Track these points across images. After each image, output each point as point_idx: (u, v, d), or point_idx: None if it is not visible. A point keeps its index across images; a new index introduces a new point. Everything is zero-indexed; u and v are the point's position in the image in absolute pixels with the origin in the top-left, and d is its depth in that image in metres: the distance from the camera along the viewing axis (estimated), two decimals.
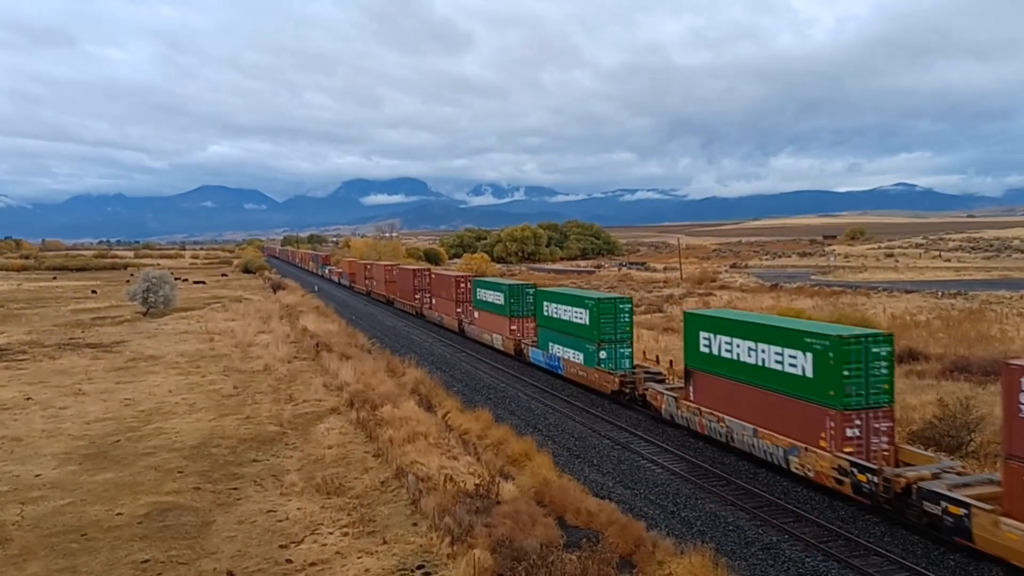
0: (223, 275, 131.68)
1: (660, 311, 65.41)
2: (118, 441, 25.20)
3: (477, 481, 19.40)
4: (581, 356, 33.40)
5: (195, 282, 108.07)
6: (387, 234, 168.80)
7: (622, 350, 32.26)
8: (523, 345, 41.39)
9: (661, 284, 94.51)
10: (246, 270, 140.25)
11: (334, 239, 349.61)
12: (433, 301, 61.77)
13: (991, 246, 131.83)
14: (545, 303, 37.98)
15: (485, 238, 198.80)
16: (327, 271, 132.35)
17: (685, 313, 27.36)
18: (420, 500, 18.64)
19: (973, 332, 46.81)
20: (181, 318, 61.06)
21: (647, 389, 28.95)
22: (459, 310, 53.19)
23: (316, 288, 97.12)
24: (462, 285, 53.44)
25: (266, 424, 27.30)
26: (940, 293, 67.37)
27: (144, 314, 63.35)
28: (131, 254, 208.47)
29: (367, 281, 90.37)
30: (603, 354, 32.01)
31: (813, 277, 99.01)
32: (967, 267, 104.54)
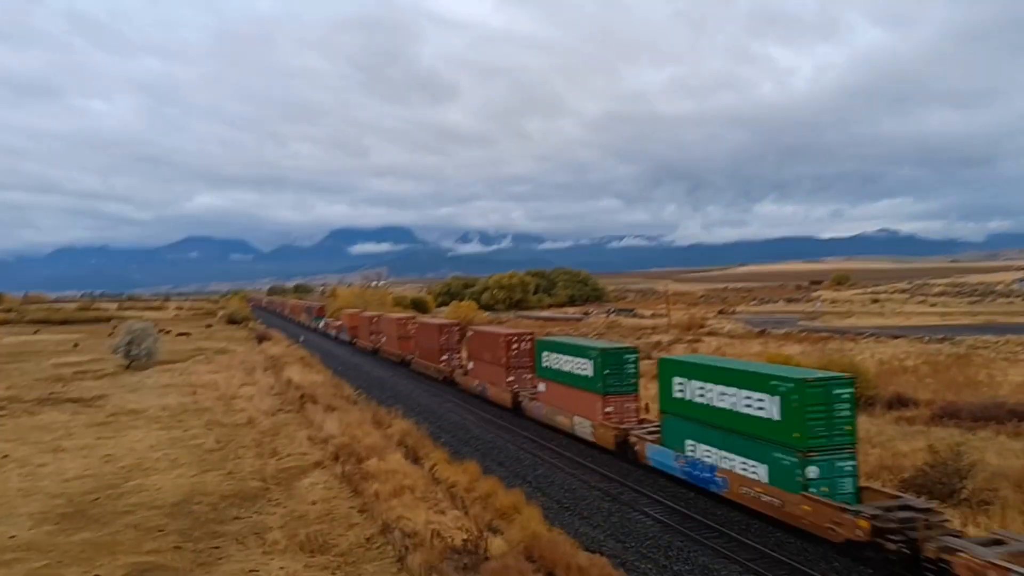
0: (207, 326, 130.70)
1: (649, 358, 65.23)
2: (97, 499, 24.56)
3: (465, 536, 18.95)
4: (763, 470, 21.41)
5: (179, 334, 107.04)
6: (373, 282, 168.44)
7: (843, 463, 19.93)
8: (632, 437, 28.70)
9: (649, 331, 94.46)
10: (231, 321, 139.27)
11: (321, 288, 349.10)
12: (471, 365, 49.63)
13: (975, 291, 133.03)
14: (677, 380, 25.58)
15: (473, 286, 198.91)
16: (323, 324, 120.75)
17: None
18: (406, 557, 18.15)
19: (961, 377, 46.90)
20: (164, 371, 60.28)
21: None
22: (511, 378, 41.32)
23: (302, 338, 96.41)
24: (517, 346, 41.94)
25: (249, 479, 26.71)
26: (927, 338, 67.66)
27: (126, 367, 62.52)
28: (115, 306, 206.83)
29: (373, 337, 79.39)
30: (812, 471, 19.67)
31: (800, 323, 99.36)
32: (952, 312, 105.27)
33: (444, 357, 54.20)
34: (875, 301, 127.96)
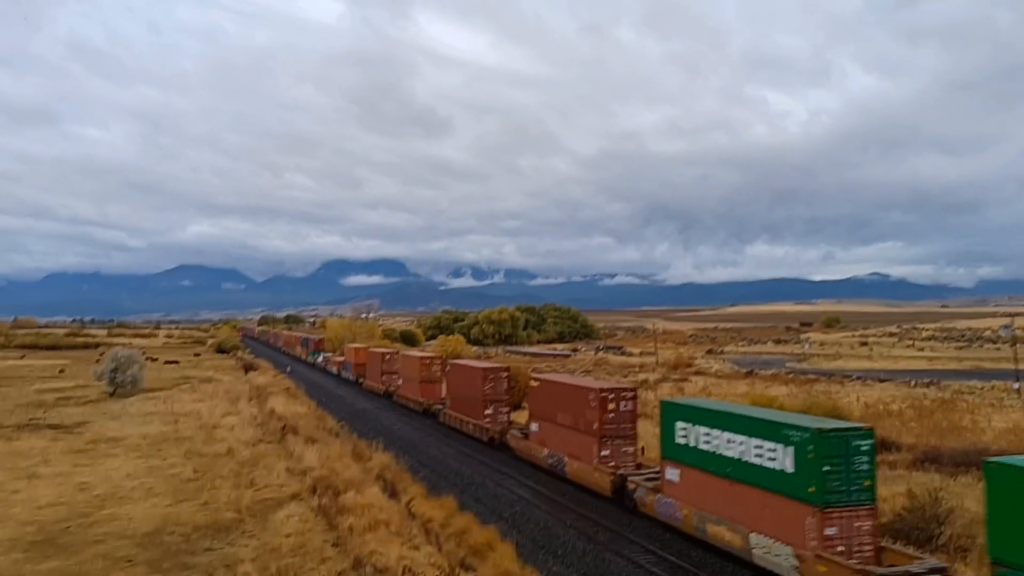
0: (196, 355, 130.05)
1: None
2: (68, 527, 24.26)
3: (437, 572, 18.78)
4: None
5: (167, 362, 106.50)
6: (364, 315, 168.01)
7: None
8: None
9: (637, 369, 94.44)
10: (220, 350, 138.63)
11: (311, 319, 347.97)
12: (534, 427, 35.62)
13: (963, 336, 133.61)
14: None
15: (462, 320, 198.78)
16: (321, 359, 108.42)
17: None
18: None
19: (945, 422, 46.94)
20: (148, 399, 59.87)
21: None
22: (606, 452, 29.44)
23: (289, 369, 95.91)
24: (615, 406, 29.52)
25: (223, 510, 26.44)
26: (913, 382, 67.78)
27: (111, 394, 62.09)
28: (104, 333, 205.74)
29: (386, 378, 66.86)
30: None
31: (788, 364, 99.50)
32: (940, 357, 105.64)
33: (489, 411, 42.12)
34: (864, 344, 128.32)
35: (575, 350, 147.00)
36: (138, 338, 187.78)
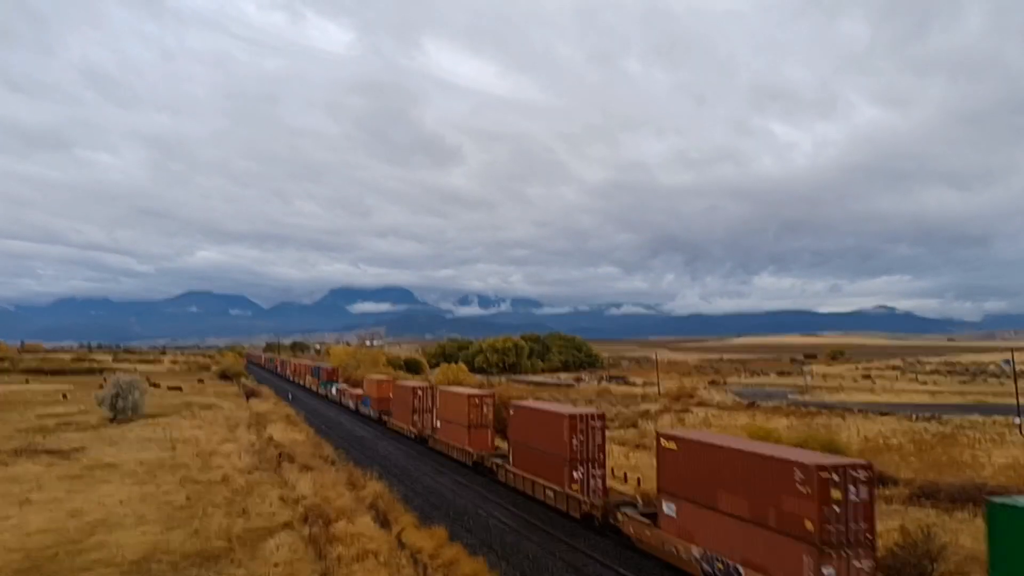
0: (199, 381, 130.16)
1: (634, 426, 64.93)
2: (56, 555, 24.28)
3: None
4: None
5: (170, 387, 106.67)
6: (368, 342, 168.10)
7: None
8: None
9: (639, 399, 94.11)
10: (223, 376, 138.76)
11: (317, 346, 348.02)
12: (667, 509, 24.59)
13: (967, 370, 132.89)
14: None
15: (467, 348, 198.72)
16: (334, 390, 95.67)
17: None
18: None
19: (945, 457, 46.64)
20: (147, 425, 59.95)
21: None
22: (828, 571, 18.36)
23: (291, 396, 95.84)
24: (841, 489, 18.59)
25: (214, 539, 26.43)
26: (914, 416, 67.36)
27: (111, 420, 62.23)
28: (110, 358, 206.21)
29: (418, 418, 55.84)
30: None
31: (790, 396, 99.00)
32: (943, 391, 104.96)
33: (578, 473, 30.73)
34: (867, 377, 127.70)
35: (579, 379, 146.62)
36: (143, 364, 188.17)
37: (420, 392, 56.91)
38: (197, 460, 42.71)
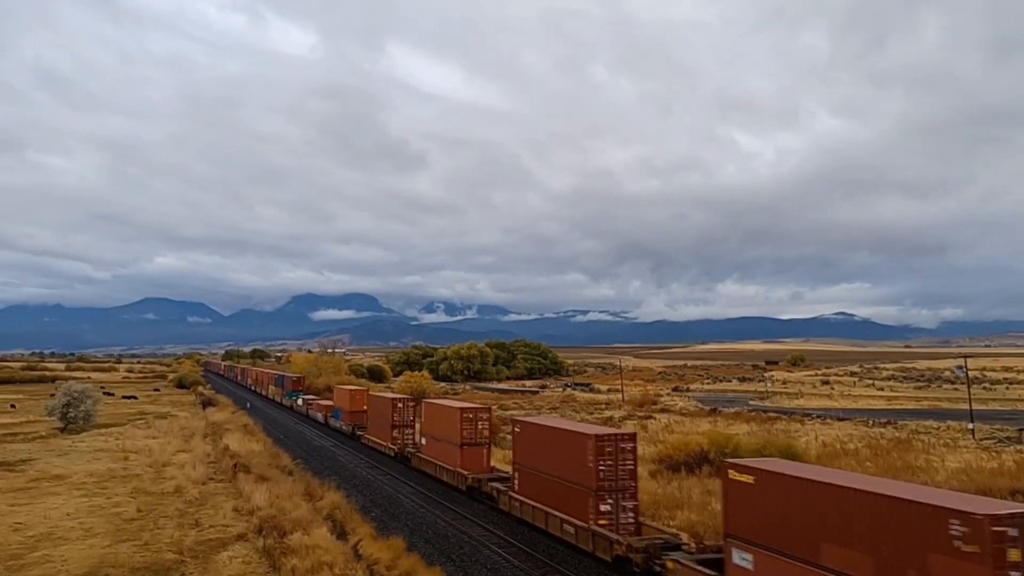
0: (155, 390, 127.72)
1: None
2: None
3: None
4: None
5: (124, 397, 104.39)
6: (330, 349, 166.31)
7: None
8: None
9: (603, 406, 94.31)
10: (180, 385, 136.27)
11: (279, 354, 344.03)
12: (741, 561, 18.68)
13: (923, 376, 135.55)
14: None
15: (432, 355, 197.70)
16: (300, 402, 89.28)
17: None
18: None
19: (900, 462, 47.29)
20: (99, 435, 58.49)
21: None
22: None
23: (248, 405, 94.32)
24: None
25: (164, 552, 25.72)
26: (871, 421, 68.41)
27: (61, 430, 60.60)
28: (62, 367, 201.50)
29: (399, 433, 51.03)
30: None
31: (751, 402, 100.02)
32: (899, 396, 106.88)
33: (607, 506, 25.44)
34: (825, 383, 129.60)
35: (544, 387, 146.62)
36: (97, 372, 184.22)
37: (400, 404, 51.84)
38: (150, 471, 41.70)
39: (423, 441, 44.83)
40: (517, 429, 32.70)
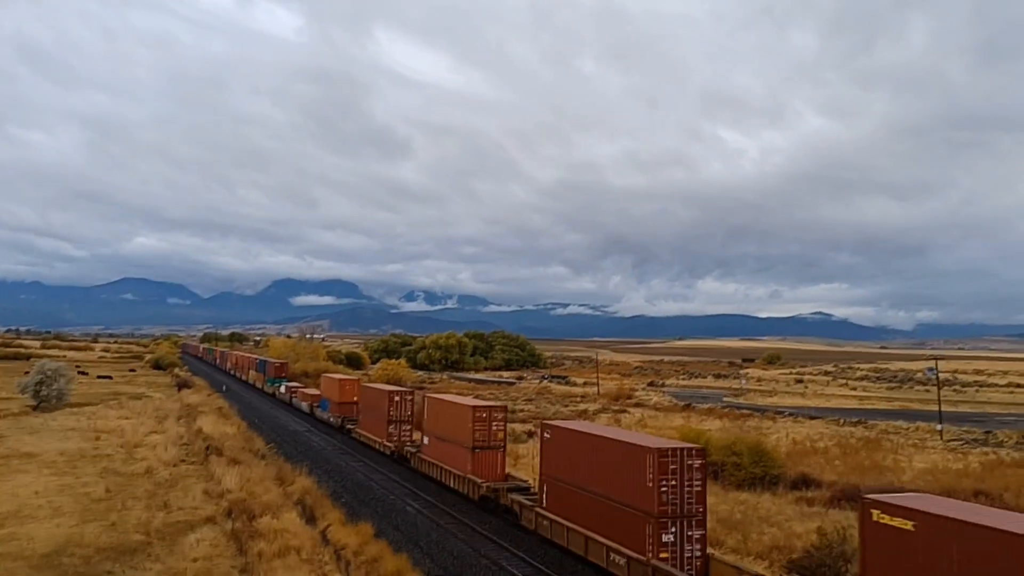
0: (131, 370, 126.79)
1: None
2: None
3: None
4: None
5: (100, 376, 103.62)
6: (309, 335, 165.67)
7: None
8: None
9: (579, 399, 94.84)
10: (157, 366, 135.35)
11: (257, 338, 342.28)
12: None
13: (895, 377, 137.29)
14: None
15: (410, 344, 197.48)
16: (284, 390, 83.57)
17: None
18: None
19: (868, 461, 48.02)
20: (72, 414, 58.12)
21: None
22: None
23: (224, 388, 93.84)
24: None
25: (132, 532, 25.75)
26: (842, 420, 69.30)
27: (34, 408, 60.16)
28: (38, 344, 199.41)
29: (395, 429, 46.48)
30: None
31: (725, 399, 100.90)
32: (871, 396, 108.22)
33: (667, 534, 21.44)
34: (799, 381, 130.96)
35: (520, 378, 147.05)
36: (73, 351, 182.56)
37: (398, 398, 47.36)
38: (121, 451, 41.59)
39: (425, 440, 40.13)
40: (547, 435, 27.57)
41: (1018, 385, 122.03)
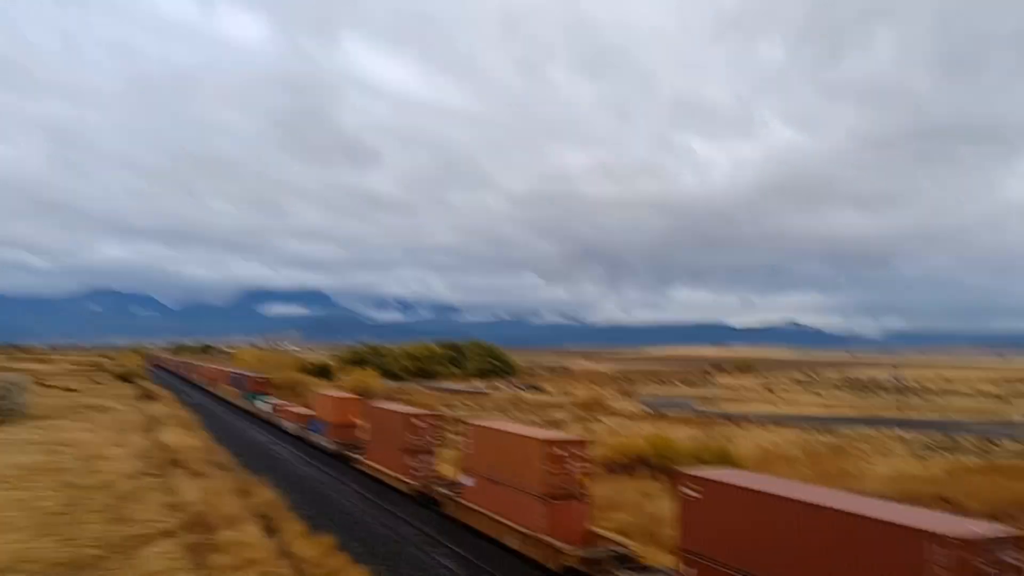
0: (96, 382, 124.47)
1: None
2: None
3: None
4: None
5: (63, 388, 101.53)
6: (277, 344, 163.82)
7: None
8: None
9: (552, 408, 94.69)
10: (122, 378, 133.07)
11: (225, 348, 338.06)
12: None
13: (863, 385, 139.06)
14: None
15: (382, 354, 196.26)
16: (263, 405, 76.35)
17: None
18: None
19: (834, 468, 48.39)
20: (31, 427, 56.75)
21: None
22: None
23: (192, 400, 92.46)
24: None
25: (87, 547, 25.10)
26: (810, 428, 69.89)
27: None
28: (3, 357, 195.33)
29: (419, 462, 36.46)
30: None
31: (696, 407, 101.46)
32: (839, 403, 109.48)
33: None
34: (769, 389, 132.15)
35: (494, 388, 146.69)
36: (35, 363, 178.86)
37: (418, 421, 37.10)
38: (80, 464, 40.63)
39: (467, 481, 30.46)
40: (694, 494, 18.64)
41: (983, 392, 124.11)
